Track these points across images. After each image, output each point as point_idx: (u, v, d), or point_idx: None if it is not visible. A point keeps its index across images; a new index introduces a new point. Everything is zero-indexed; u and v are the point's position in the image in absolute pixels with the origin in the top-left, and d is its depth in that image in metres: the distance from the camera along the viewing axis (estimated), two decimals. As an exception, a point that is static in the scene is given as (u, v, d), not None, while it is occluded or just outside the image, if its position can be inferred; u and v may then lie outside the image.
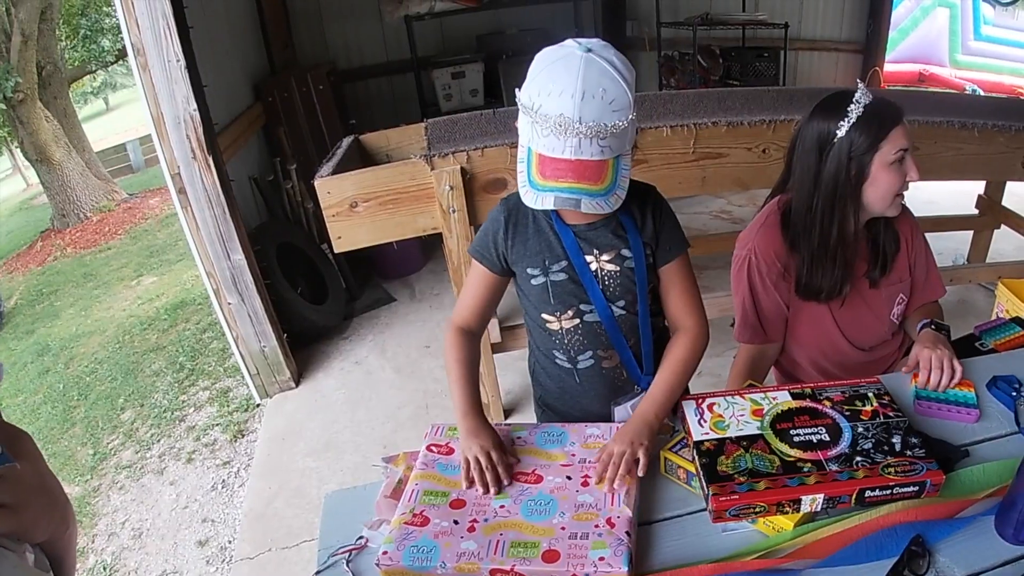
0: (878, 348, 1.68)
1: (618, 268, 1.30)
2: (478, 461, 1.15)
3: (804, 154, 1.47)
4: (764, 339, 1.61)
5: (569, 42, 1.12)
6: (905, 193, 1.47)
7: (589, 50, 1.08)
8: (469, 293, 1.40)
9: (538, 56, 1.13)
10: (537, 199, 1.13)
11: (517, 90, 1.14)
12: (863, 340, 1.64)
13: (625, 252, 1.29)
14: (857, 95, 1.39)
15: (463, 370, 1.32)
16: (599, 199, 1.12)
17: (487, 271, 1.36)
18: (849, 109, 1.38)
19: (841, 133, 1.39)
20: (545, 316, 1.36)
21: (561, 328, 1.36)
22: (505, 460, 1.18)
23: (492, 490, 1.14)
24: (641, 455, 1.15)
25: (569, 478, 1.16)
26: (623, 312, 1.33)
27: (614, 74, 1.07)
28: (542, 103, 1.07)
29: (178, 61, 2.51)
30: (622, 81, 1.08)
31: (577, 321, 1.34)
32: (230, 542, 2.47)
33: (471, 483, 1.15)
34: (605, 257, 1.29)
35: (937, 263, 1.69)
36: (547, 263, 1.31)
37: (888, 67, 5.89)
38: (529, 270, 1.32)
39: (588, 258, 1.29)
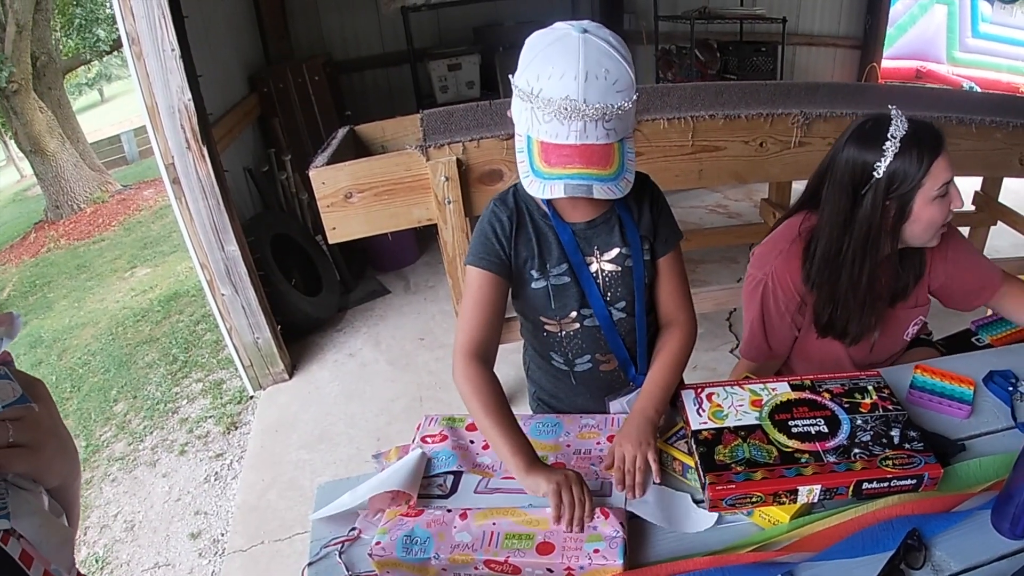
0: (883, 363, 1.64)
1: (619, 268, 1.26)
2: (570, 491, 1.01)
3: (835, 191, 1.36)
4: (770, 356, 1.57)
5: (560, 24, 1.07)
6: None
7: (585, 31, 1.04)
8: (474, 311, 1.22)
9: (529, 40, 1.08)
10: (544, 188, 1.06)
11: (511, 76, 1.09)
12: (873, 359, 1.59)
13: (625, 251, 1.25)
14: (892, 129, 1.28)
15: (494, 407, 1.14)
16: (610, 184, 1.06)
17: (493, 276, 1.23)
18: (885, 147, 1.27)
19: (878, 174, 1.29)
20: (544, 319, 1.32)
21: (560, 332, 1.32)
22: (591, 497, 1.04)
23: (578, 527, 1.00)
24: (651, 457, 1.11)
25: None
26: (623, 315, 1.29)
27: (614, 53, 1.03)
28: (543, 87, 1.02)
29: (173, 50, 2.49)
30: (622, 60, 1.04)
31: (577, 326, 1.31)
32: (223, 534, 2.46)
33: (559, 518, 1.00)
34: (605, 257, 1.25)
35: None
36: (548, 266, 1.25)
37: (886, 63, 5.88)
38: (531, 272, 1.26)
39: (588, 258, 1.25)
